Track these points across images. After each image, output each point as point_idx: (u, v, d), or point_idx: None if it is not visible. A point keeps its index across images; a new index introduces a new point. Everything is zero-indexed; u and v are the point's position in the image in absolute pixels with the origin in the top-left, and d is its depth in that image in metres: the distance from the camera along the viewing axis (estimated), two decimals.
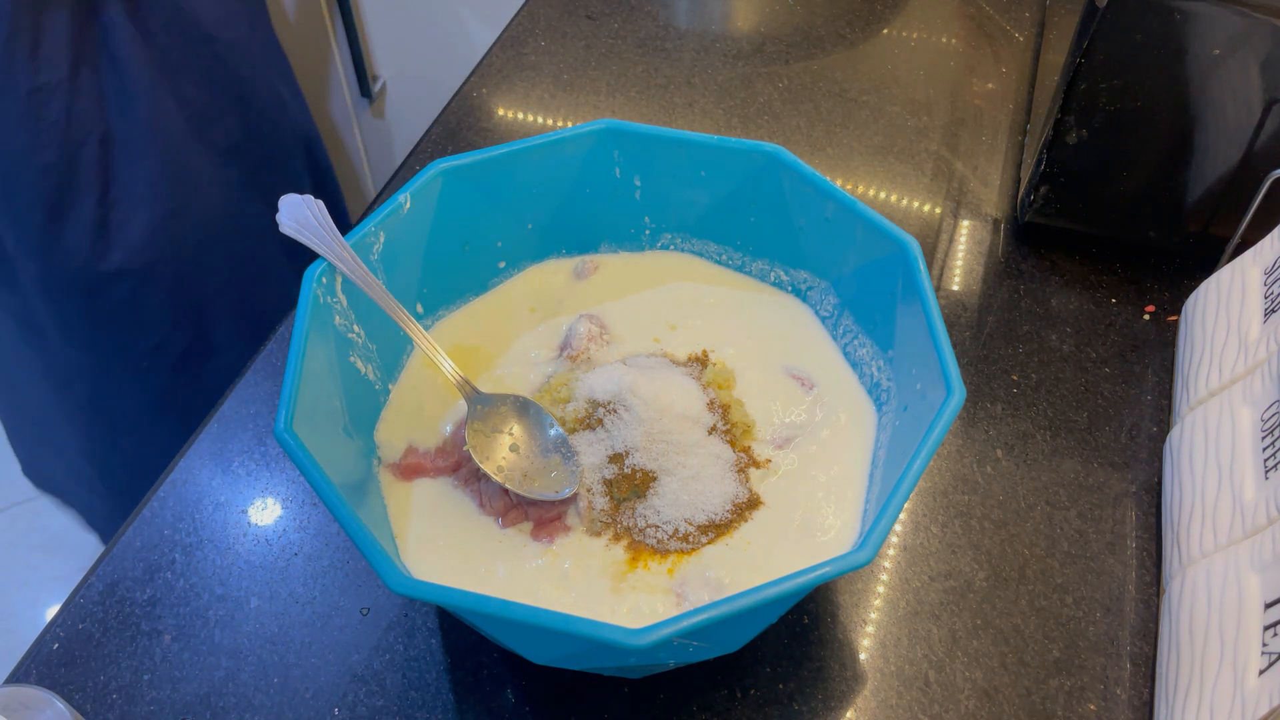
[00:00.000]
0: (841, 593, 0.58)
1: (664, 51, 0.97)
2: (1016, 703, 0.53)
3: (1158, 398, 0.68)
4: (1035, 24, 1.00)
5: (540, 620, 0.41)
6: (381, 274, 0.57)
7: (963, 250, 0.78)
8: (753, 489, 0.55)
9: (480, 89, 0.93)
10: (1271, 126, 0.65)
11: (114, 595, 0.57)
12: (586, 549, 0.53)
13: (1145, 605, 0.57)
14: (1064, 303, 0.74)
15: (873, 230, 0.57)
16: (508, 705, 0.53)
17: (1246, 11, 0.61)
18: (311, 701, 0.53)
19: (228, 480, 0.63)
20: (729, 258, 0.67)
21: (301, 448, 0.46)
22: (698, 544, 0.53)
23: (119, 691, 0.53)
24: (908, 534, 0.60)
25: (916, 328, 0.53)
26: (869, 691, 0.54)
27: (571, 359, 0.61)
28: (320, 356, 0.52)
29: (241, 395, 0.67)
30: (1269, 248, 0.62)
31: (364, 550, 0.43)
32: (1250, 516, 0.51)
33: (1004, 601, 0.57)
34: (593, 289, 0.66)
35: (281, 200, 0.55)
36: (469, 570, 0.52)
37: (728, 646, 0.50)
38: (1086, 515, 0.61)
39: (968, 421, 0.66)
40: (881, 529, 0.44)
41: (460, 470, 0.56)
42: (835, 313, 0.62)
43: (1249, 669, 0.46)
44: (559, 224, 0.66)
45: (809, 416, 0.59)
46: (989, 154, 0.86)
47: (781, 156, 0.60)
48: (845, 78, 0.94)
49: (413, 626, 0.56)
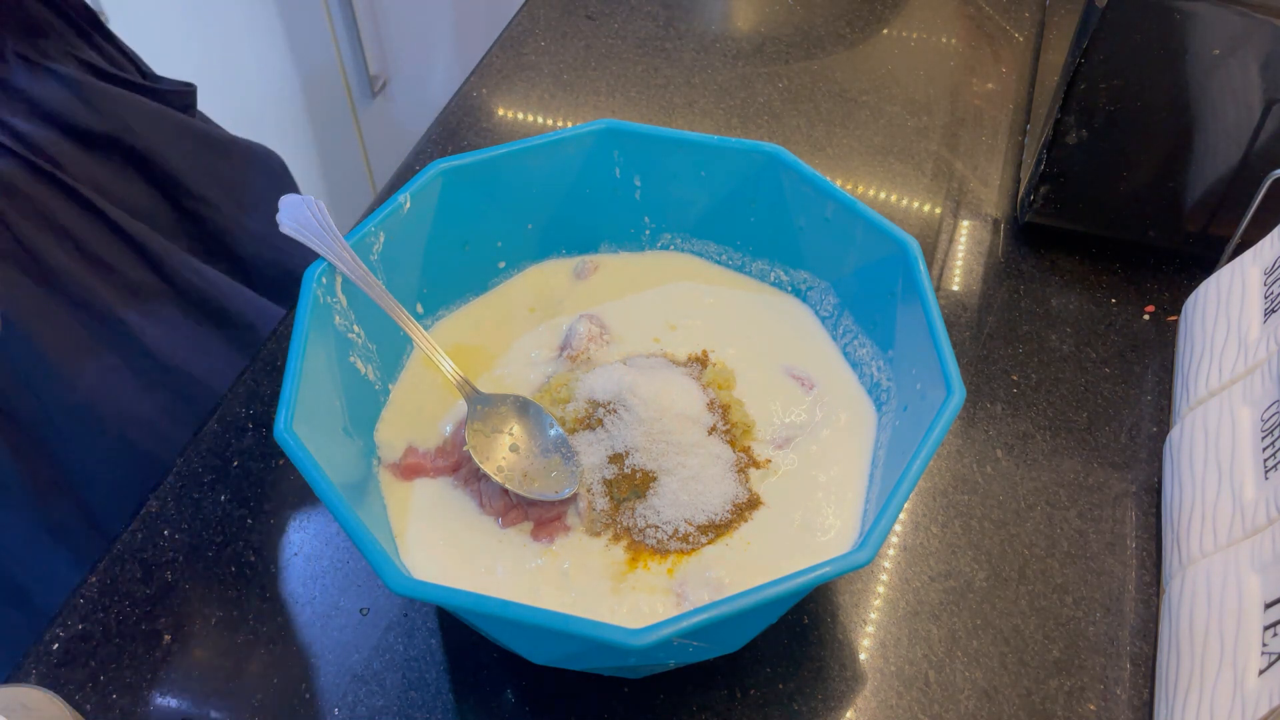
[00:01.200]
0: (841, 593, 0.58)
1: (664, 51, 0.97)
2: (1016, 703, 0.53)
3: (1158, 398, 0.67)
4: (1035, 24, 1.00)
5: (540, 620, 0.41)
6: (381, 274, 0.57)
7: (963, 250, 0.78)
8: (753, 489, 0.55)
9: (480, 89, 0.93)
10: (1271, 126, 0.65)
11: (114, 595, 0.57)
12: (586, 549, 0.53)
13: (1145, 605, 0.57)
14: (1064, 303, 0.74)
15: (873, 230, 0.57)
16: (508, 705, 0.53)
17: (1246, 11, 0.61)
18: (311, 702, 0.53)
19: (228, 480, 0.63)
20: (729, 258, 0.67)
21: (301, 448, 0.46)
22: (698, 544, 0.53)
23: (119, 691, 0.53)
24: (908, 534, 0.60)
25: (916, 328, 0.53)
26: (869, 691, 0.54)
27: (571, 359, 0.61)
28: (320, 356, 0.52)
29: (241, 395, 0.67)
30: (1269, 248, 0.62)
31: (364, 550, 0.43)
32: (1250, 516, 0.51)
33: (1004, 601, 0.57)
34: (593, 289, 0.66)
35: (281, 200, 0.55)
36: (469, 570, 0.52)
37: (728, 646, 0.50)
38: (1086, 515, 0.61)
39: (968, 421, 0.66)
40: (881, 529, 0.44)
41: (460, 470, 0.56)
42: (835, 313, 0.62)
43: (1249, 669, 0.46)
44: (559, 224, 0.66)
45: (809, 416, 0.59)
46: (989, 154, 0.86)
47: (781, 156, 0.60)
48: (845, 78, 0.94)
49: (413, 626, 0.56)
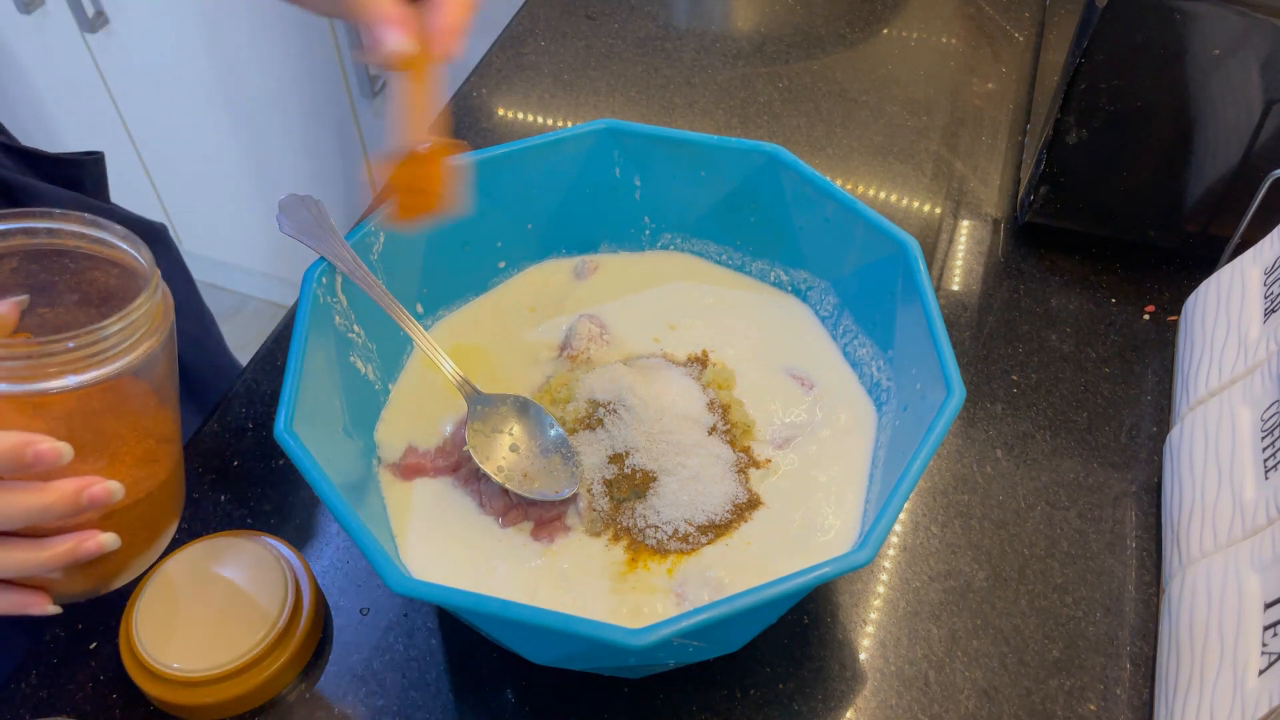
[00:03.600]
0: (841, 593, 0.58)
1: (664, 51, 0.97)
2: (1016, 703, 0.53)
3: (1158, 398, 0.67)
4: (1035, 24, 1.00)
5: (540, 620, 0.41)
6: (381, 274, 0.57)
7: (963, 250, 0.78)
8: (753, 489, 0.55)
9: (480, 89, 0.93)
10: (1271, 126, 0.65)
11: (114, 595, 0.57)
12: (586, 549, 0.53)
13: (1145, 605, 0.57)
14: (1064, 303, 0.74)
15: (873, 230, 0.57)
16: (508, 705, 0.53)
17: (1246, 11, 0.61)
18: (311, 701, 0.53)
19: (228, 480, 0.63)
20: (729, 258, 0.67)
21: (301, 448, 0.46)
22: (698, 544, 0.53)
23: (119, 691, 0.53)
24: (908, 534, 0.60)
25: (916, 328, 0.53)
26: (869, 691, 0.54)
27: (571, 359, 0.61)
28: (320, 356, 0.52)
29: (241, 395, 0.67)
30: (1269, 248, 0.62)
31: (364, 550, 0.43)
32: (1250, 516, 0.51)
33: (1004, 601, 0.57)
34: (593, 289, 0.66)
35: (280, 202, 0.55)
36: (469, 570, 0.52)
37: (728, 646, 0.50)
38: (1086, 515, 0.61)
39: (968, 421, 0.66)
40: (881, 529, 0.44)
41: (460, 470, 0.56)
42: (835, 313, 0.62)
43: (1249, 669, 0.46)
44: (559, 224, 0.65)
45: (809, 416, 0.59)
46: (989, 154, 0.86)
47: (781, 156, 0.60)
48: (845, 78, 0.94)
49: (413, 626, 0.56)
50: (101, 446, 0.42)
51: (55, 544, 0.41)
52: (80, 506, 0.40)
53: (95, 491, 0.40)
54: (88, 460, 0.42)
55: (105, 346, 0.40)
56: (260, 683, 0.51)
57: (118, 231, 0.44)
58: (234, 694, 0.51)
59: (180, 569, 0.54)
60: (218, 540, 0.55)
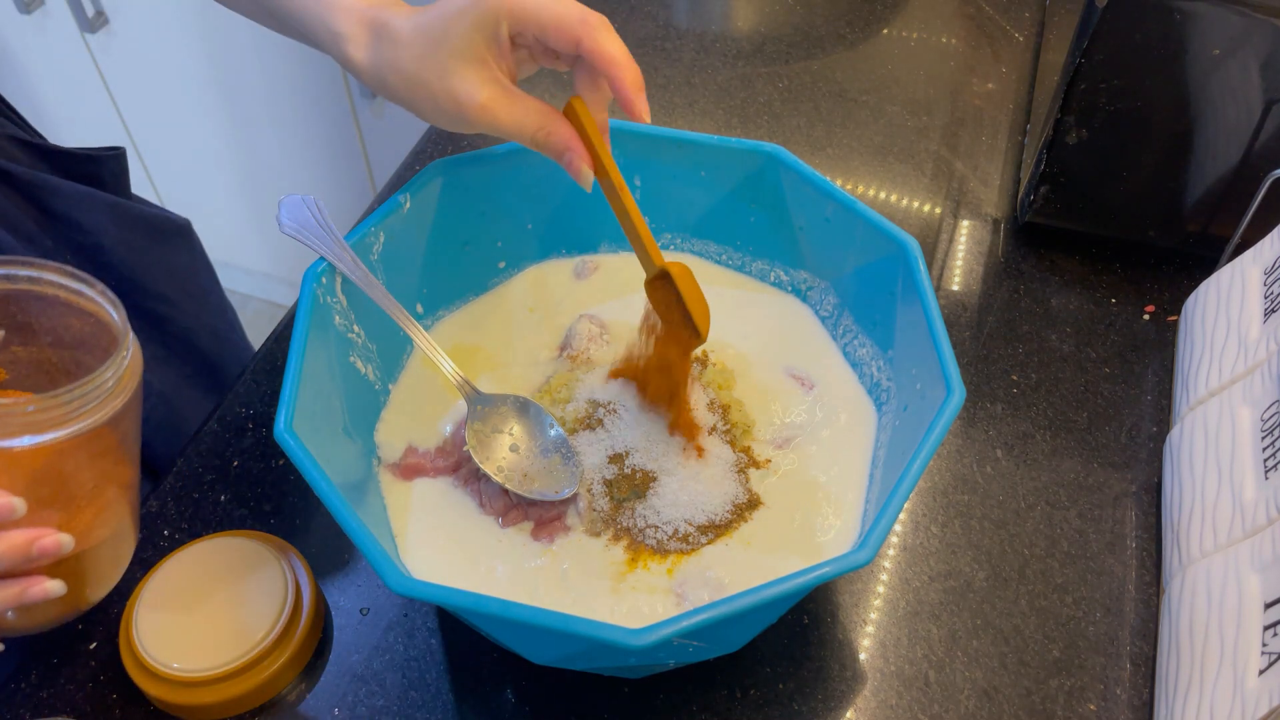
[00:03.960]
0: (841, 593, 0.58)
1: (664, 51, 0.97)
2: (1016, 703, 0.53)
3: (1158, 398, 0.67)
4: (1035, 24, 1.00)
5: (540, 620, 0.41)
6: (381, 274, 0.57)
7: (963, 250, 0.78)
8: (752, 489, 0.55)
9: None
10: (1271, 126, 0.65)
11: (115, 595, 0.57)
12: (586, 549, 0.53)
13: (1145, 605, 0.57)
14: (1064, 303, 0.74)
15: (873, 230, 0.57)
16: (508, 705, 0.53)
17: (1246, 11, 0.61)
18: (311, 701, 0.53)
19: (228, 480, 0.63)
20: (729, 258, 0.67)
21: (301, 448, 0.46)
22: (697, 544, 0.53)
23: (118, 690, 0.53)
24: (908, 534, 0.60)
25: (916, 328, 0.53)
26: (869, 691, 0.54)
27: (571, 359, 0.61)
28: (320, 356, 0.52)
29: (241, 395, 0.67)
30: (1269, 248, 0.62)
31: (364, 550, 0.43)
32: (1250, 516, 0.51)
33: (1004, 601, 0.57)
34: (593, 289, 0.66)
35: (281, 201, 0.55)
36: (469, 570, 0.52)
37: (728, 646, 0.50)
38: (1086, 515, 0.61)
39: (968, 421, 0.66)
40: (881, 529, 0.44)
41: (460, 470, 0.56)
42: (835, 313, 0.62)
43: (1249, 669, 0.46)
44: (559, 224, 0.65)
45: (809, 416, 0.59)
46: (989, 154, 0.86)
47: (781, 156, 0.60)
48: (845, 78, 0.94)
49: (413, 626, 0.56)
50: (65, 495, 0.43)
51: (1, 588, 0.42)
52: (30, 558, 0.41)
53: (45, 544, 0.41)
54: (47, 508, 0.43)
55: (69, 410, 0.41)
56: (260, 683, 0.51)
57: (96, 286, 0.45)
58: (234, 694, 0.51)
59: (180, 569, 0.54)
60: (218, 540, 0.55)
